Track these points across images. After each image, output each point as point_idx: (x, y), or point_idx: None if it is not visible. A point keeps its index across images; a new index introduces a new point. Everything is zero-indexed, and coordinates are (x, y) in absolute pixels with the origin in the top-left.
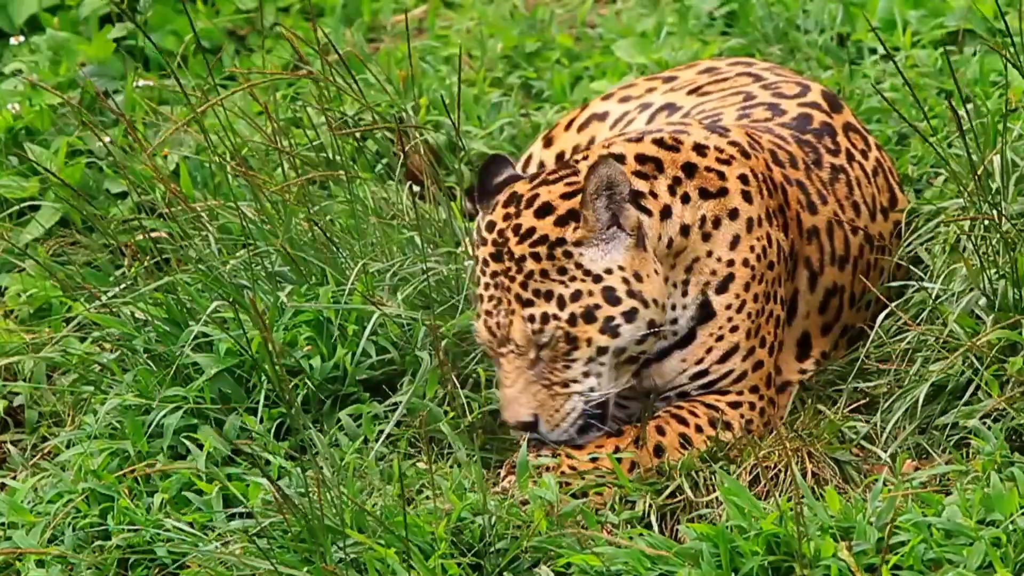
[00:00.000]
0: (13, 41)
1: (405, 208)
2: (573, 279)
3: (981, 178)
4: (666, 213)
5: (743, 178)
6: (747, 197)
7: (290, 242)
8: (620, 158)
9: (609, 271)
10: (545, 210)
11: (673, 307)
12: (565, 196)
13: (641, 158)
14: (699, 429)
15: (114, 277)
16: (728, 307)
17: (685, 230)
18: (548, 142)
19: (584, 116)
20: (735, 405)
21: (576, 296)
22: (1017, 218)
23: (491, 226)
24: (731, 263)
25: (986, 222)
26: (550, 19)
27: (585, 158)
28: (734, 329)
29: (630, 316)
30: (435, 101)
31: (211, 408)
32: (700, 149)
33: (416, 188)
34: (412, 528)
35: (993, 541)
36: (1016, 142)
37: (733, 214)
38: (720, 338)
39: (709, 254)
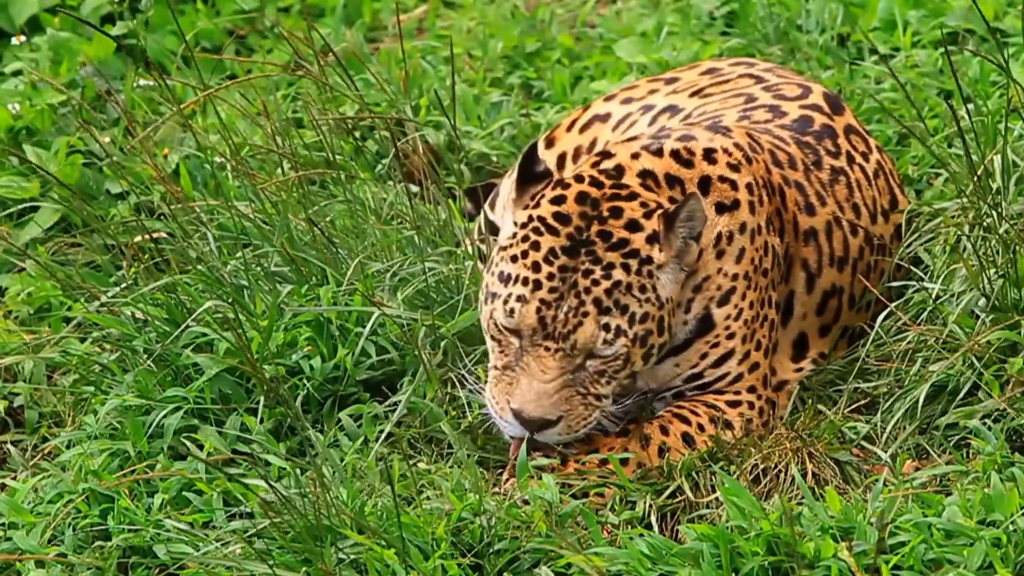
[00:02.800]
0: (14, 41)
1: (397, 203)
2: (648, 300)
3: (981, 178)
4: None
5: (750, 187)
6: (752, 208)
7: (290, 242)
8: (652, 176)
9: (668, 300)
10: (634, 226)
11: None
12: (647, 215)
13: (669, 179)
14: (701, 428)
15: (114, 277)
16: (727, 317)
17: (699, 255)
18: (549, 143)
19: (586, 117)
20: (734, 404)
21: (644, 318)
22: (1017, 218)
23: (564, 219)
24: (735, 277)
25: (986, 222)
26: (550, 19)
27: (620, 169)
28: (730, 336)
29: (662, 347)
30: (435, 101)
31: (211, 408)
32: (710, 156)
33: (415, 189)
34: (412, 528)
35: (993, 541)
36: (1016, 142)
37: (742, 228)
38: (716, 345)
39: (719, 271)
